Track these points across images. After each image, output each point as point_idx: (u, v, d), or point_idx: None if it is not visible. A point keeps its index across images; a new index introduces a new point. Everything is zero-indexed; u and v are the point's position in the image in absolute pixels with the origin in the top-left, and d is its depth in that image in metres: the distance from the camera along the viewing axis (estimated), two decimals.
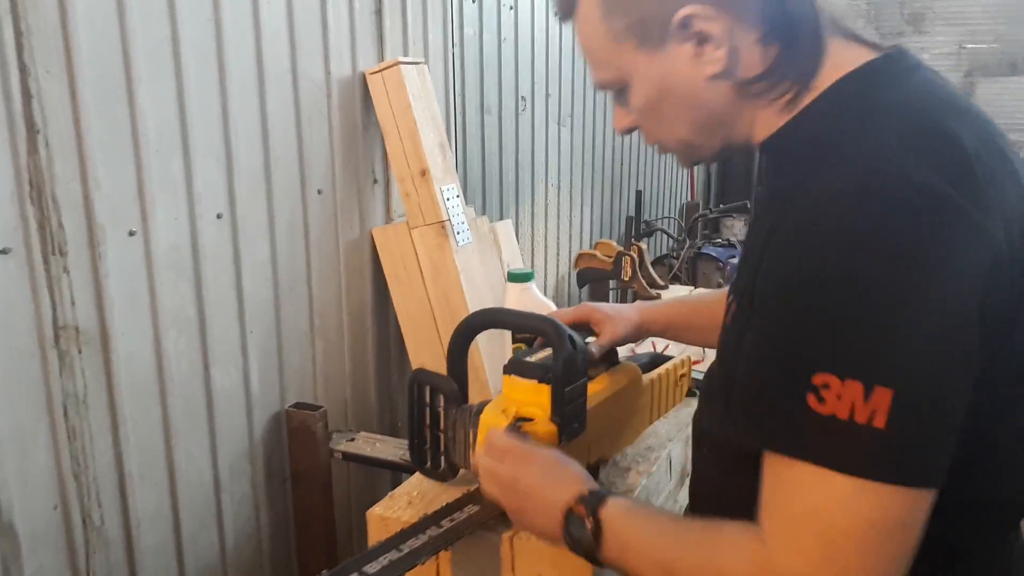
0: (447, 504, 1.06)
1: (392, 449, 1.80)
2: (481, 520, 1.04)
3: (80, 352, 1.33)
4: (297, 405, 1.78)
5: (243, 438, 1.68)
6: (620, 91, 0.80)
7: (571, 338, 1.04)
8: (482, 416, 1.09)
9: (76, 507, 1.35)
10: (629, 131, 0.85)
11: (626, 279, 2.20)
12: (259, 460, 1.73)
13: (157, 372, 1.46)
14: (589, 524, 0.77)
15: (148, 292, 1.43)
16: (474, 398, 1.95)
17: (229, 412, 1.63)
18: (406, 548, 0.94)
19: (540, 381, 1.10)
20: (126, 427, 1.41)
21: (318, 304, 1.83)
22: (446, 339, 2.04)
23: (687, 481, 1.18)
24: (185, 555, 1.56)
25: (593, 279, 2.40)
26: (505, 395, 1.13)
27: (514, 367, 1.13)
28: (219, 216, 1.56)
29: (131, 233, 1.38)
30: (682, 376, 1.39)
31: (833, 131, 0.68)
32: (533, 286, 1.47)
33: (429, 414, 1.14)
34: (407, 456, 1.23)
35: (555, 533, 0.81)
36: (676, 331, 1.24)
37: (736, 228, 4.92)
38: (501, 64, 2.55)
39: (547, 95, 2.88)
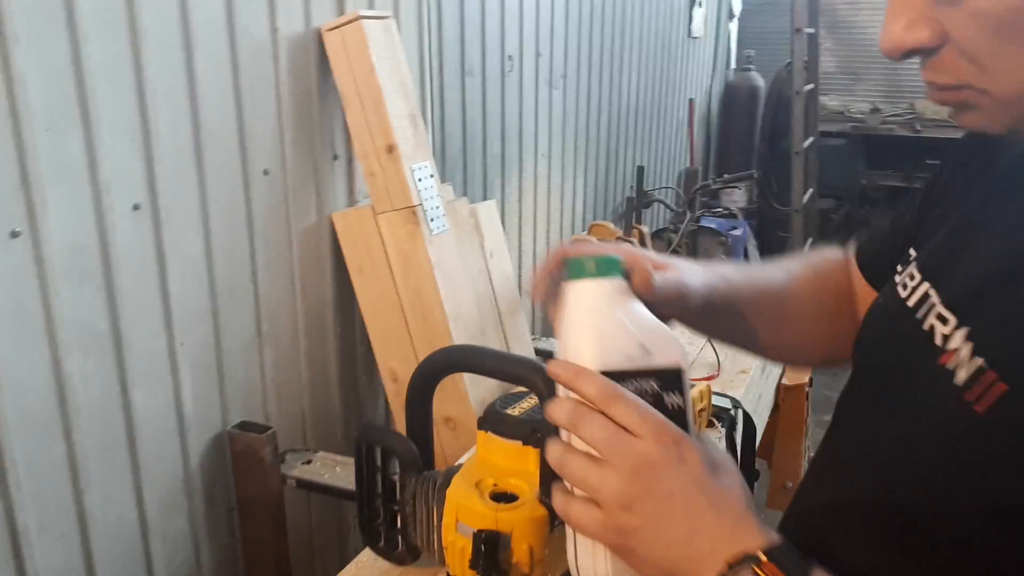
0: None
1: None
2: None
3: None
4: (242, 425, 1.52)
5: (175, 468, 1.42)
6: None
7: None
8: (449, 492, 0.83)
9: None
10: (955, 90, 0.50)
11: None
12: (197, 491, 1.47)
13: (57, 402, 1.19)
14: None
15: (40, 306, 1.15)
16: (451, 412, 1.70)
17: (156, 440, 1.37)
18: None
19: (526, 443, 0.84)
20: (16, 473, 1.14)
21: (266, 305, 1.56)
22: (419, 342, 1.78)
23: None
24: None
25: None
26: (480, 458, 0.87)
27: (491, 422, 0.87)
28: (136, 207, 1.27)
29: (14, 234, 1.10)
30: (701, 411, 1.13)
31: None
32: (627, 285, 0.62)
33: (381, 482, 0.88)
34: None
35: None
36: (733, 310, 0.75)
37: (736, 196, 4.65)
38: (485, 18, 2.24)
39: (537, 54, 2.57)
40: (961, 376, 0.49)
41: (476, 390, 1.68)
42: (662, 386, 0.54)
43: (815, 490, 0.64)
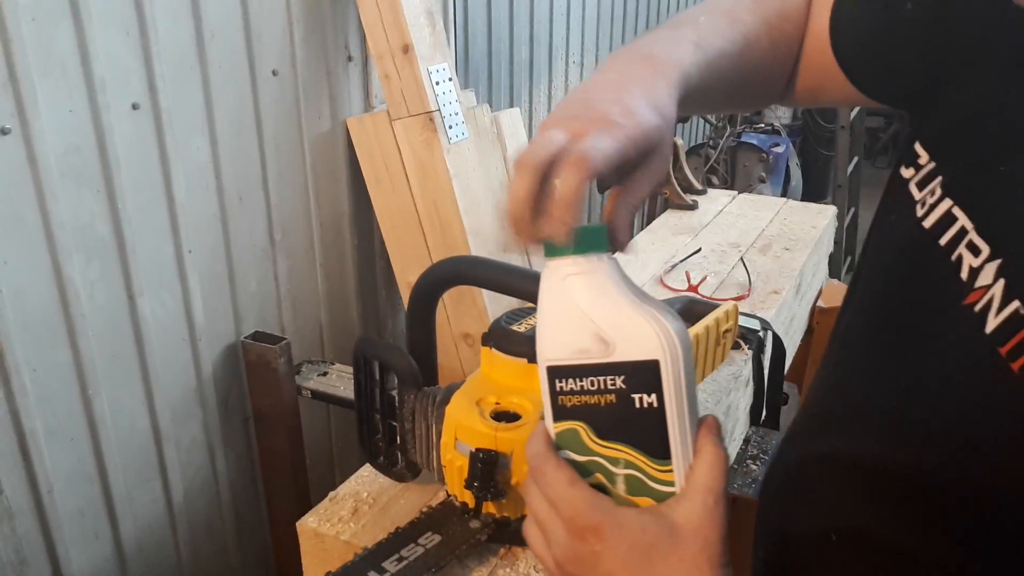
0: (409, 524, 0.77)
1: None
2: (463, 552, 0.75)
3: None
4: (256, 336, 1.49)
5: (187, 377, 1.40)
6: None
7: None
8: (448, 410, 0.78)
9: None
10: None
11: None
12: (211, 400, 1.46)
13: (60, 308, 1.17)
14: None
15: (37, 208, 1.11)
16: (469, 328, 1.65)
17: (166, 348, 1.34)
18: None
19: (531, 361, 0.79)
20: (20, 377, 1.13)
21: (279, 214, 1.51)
22: (437, 257, 1.72)
23: None
24: (119, 516, 1.32)
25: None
26: (483, 376, 0.82)
27: (496, 338, 0.81)
28: (135, 107, 1.21)
29: (3, 131, 1.05)
30: (726, 332, 1.06)
31: None
32: (609, 263, 0.51)
33: (380, 397, 0.84)
34: None
35: None
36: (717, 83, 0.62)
37: (780, 111, 4.44)
38: None
39: None
40: (992, 323, 0.40)
41: (496, 306, 1.63)
42: (630, 384, 0.47)
43: (810, 438, 0.56)
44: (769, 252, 1.61)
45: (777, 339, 1.27)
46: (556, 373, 0.48)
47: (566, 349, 0.48)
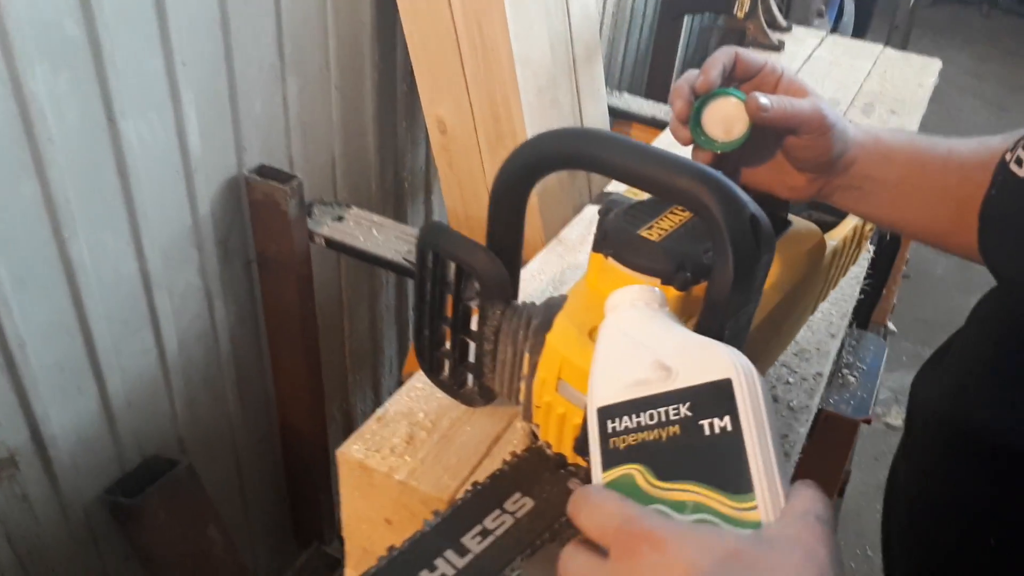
0: (491, 480, 0.60)
1: (396, 241, 1.32)
2: (564, 524, 0.58)
3: None
4: (261, 171, 1.26)
5: (181, 215, 1.19)
6: None
7: (746, 206, 0.52)
8: (551, 340, 0.59)
9: None
10: None
11: (740, 15, 1.51)
12: (209, 242, 1.25)
13: (23, 128, 0.92)
14: None
15: None
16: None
17: (155, 181, 1.12)
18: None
19: (666, 283, 0.59)
20: None
21: (289, 25, 1.22)
22: (476, 88, 1.43)
23: None
24: (105, 369, 1.15)
25: (691, 8, 1.69)
26: (592, 292, 0.62)
27: (615, 243, 0.61)
28: None
29: None
30: (862, 239, 0.86)
31: None
32: (660, 298, 0.51)
33: (455, 304, 0.64)
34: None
35: None
36: (884, 180, 0.66)
37: None
38: None
39: None
40: None
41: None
42: (698, 409, 0.40)
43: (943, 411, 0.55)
44: (873, 114, 1.37)
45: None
46: (608, 414, 0.43)
47: (620, 385, 0.43)
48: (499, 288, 0.61)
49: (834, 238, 0.76)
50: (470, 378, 0.67)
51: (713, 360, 0.42)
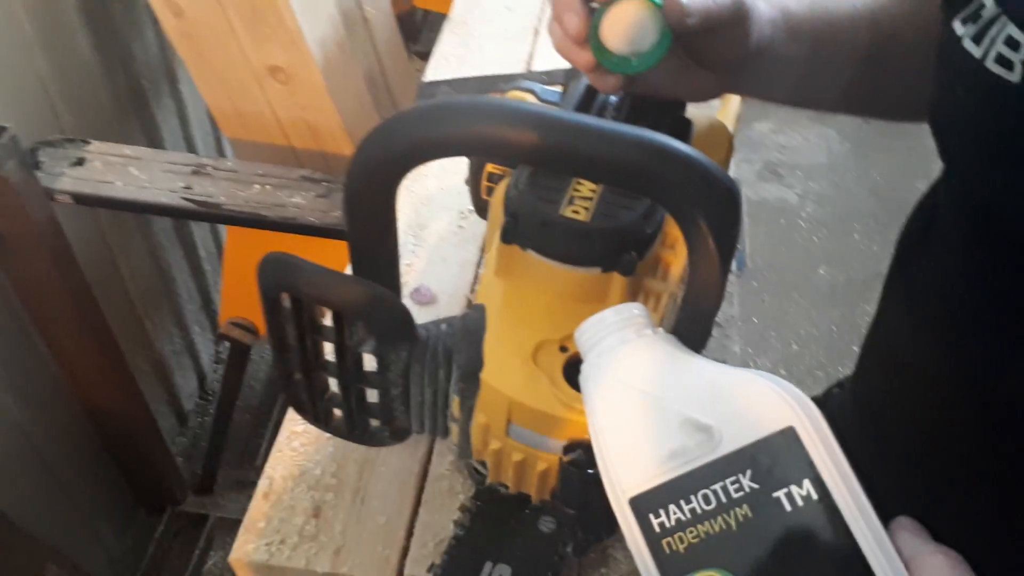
0: (454, 540, 0.49)
1: (164, 176, 1.06)
2: None
3: None
4: None
5: None
6: None
7: (723, 183, 0.42)
8: (485, 376, 0.48)
9: None
10: None
11: None
12: None
13: None
14: None
15: None
16: (278, 59, 1.20)
17: None
18: None
19: (608, 270, 0.49)
20: None
21: None
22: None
23: None
24: None
25: None
26: (511, 295, 0.49)
27: (539, 232, 0.49)
28: None
29: None
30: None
31: None
32: (660, 332, 0.39)
33: (339, 352, 0.49)
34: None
35: None
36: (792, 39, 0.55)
37: None
38: None
39: None
40: None
41: (314, 28, 1.14)
42: (764, 478, 0.30)
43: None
44: None
45: None
46: (647, 506, 0.32)
47: (650, 463, 0.33)
48: (399, 330, 0.45)
49: (727, 121, 0.66)
50: (372, 421, 0.53)
51: (761, 403, 0.31)
